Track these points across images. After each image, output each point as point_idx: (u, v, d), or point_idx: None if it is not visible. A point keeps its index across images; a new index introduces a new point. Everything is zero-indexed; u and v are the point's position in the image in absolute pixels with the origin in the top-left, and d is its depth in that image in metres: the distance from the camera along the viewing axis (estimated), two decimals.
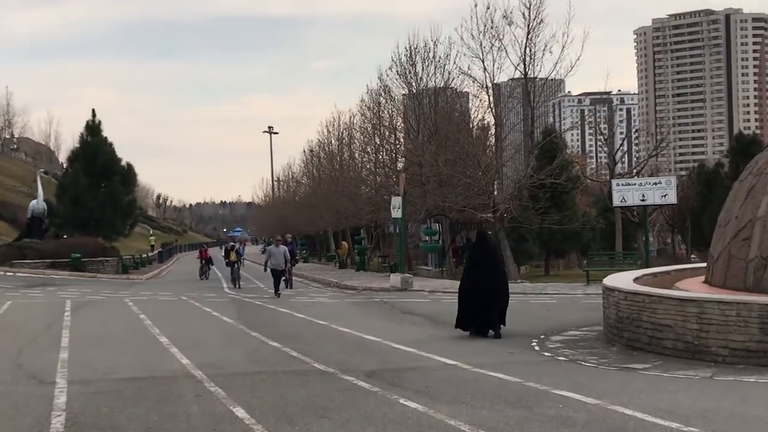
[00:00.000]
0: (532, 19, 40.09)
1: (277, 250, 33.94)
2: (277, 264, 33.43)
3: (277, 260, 33.47)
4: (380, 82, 49.39)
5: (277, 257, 33.56)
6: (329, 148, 74.16)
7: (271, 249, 34.75)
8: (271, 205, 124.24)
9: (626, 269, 36.06)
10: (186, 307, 29.61)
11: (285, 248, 34.60)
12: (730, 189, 47.79)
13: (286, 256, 33.84)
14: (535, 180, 40.37)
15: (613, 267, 34.97)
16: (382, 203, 54.15)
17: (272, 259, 33.65)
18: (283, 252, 33.81)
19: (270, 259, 33.83)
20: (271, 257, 33.79)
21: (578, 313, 23.27)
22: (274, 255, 33.69)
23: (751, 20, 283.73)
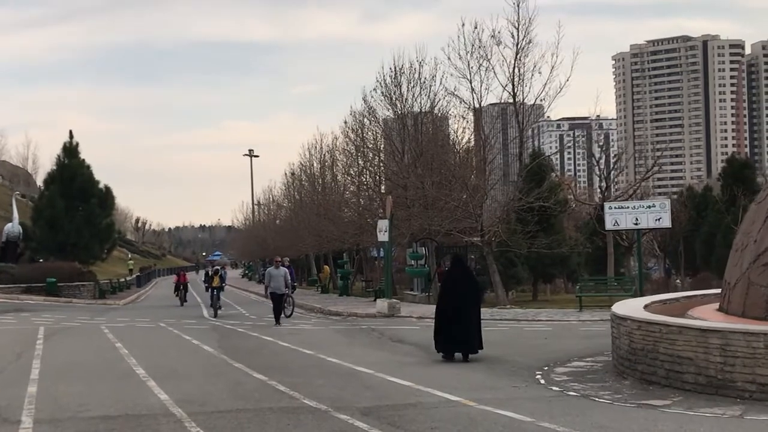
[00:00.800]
0: (521, 39, 39.20)
1: (276, 273, 31.35)
2: (277, 287, 31.04)
3: (278, 283, 31.03)
4: (365, 103, 48.37)
5: (277, 280, 31.06)
6: (311, 170, 73.00)
7: (270, 271, 31.91)
8: (251, 228, 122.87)
9: (620, 295, 35.15)
10: (164, 334, 28.35)
11: (285, 270, 31.93)
12: (723, 213, 47.10)
13: (286, 278, 31.32)
14: (523, 203, 39.34)
15: (606, 293, 33.96)
16: (365, 226, 53.08)
17: (272, 282, 31.18)
18: (283, 274, 31.29)
19: (270, 282, 31.37)
20: (271, 280, 31.26)
21: (578, 342, 22.14)
22: (274, 278, 31.15)
23: (728, 46, 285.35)
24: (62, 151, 63.68)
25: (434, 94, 45.34)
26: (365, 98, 47.82)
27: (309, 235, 69.01)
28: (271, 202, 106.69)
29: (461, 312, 18.89)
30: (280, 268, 31.62)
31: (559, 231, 45.20)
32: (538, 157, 43.47)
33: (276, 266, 31.99)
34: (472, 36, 39.43)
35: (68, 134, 64.64)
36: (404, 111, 46.27)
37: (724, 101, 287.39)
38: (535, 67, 38.95)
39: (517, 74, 38.96)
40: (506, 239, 38.87)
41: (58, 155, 63.60)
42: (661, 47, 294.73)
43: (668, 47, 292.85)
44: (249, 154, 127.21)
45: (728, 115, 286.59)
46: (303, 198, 77.41)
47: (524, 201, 39.30)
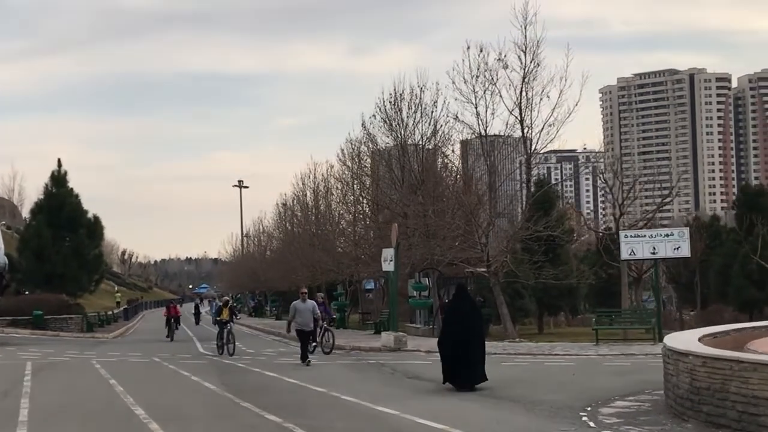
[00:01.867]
0: (529, 63, 37.88)
1: (303, 306, 27.44)
2: (304, 323, 27.18)
3: (304, 318, 27.24)
4: (364, 129, 46.85)
5: (304, 315, 27.28)
6: (304, 200, 71.44)
7: (295, 305, 27.64)
8: (241, 260, 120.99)
9: (638, 329, 33.69)
10: (160, 370, 26.65)
11: (313, 303, 28.20)
12: (737, 242, 45.67)
13: (315, 312, 27.61)
14: (532, 231, 37.84)
15: (624, 326, 32.44)
16: (362, 257, 51.50)
17: (298, 316, 27.28)
18: (311, 308, 27.52)
19: (295, 317, 27.38)
20: (297, 315, 27.33)
21: (610, 379, 20.58)
22: (300, 312, 27.26)
23: (715, 80, 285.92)
24: (50, 180, 61.97)
25: (435, 121, 43.93)
26: (364, 124, 46.37)
27: (302, 266, 67.43)
28: (261, 233, 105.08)
29: (467, 342, 19.03)
30: (306, 302, 27.76)
31: (566, 262, 43.70)
32: (544, 185, 41.96)
33: (302, 299, 27.84)
34: (478, 59, 38.14)
35: (56, 162, 62.98)
36: (404, 137, 44.79)
37: (711, 134, 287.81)
38: (543, 91, 37.66)
39: (524, 98, 37.65)
40: (514, 269, 37.32)
41: (46, 184, 61.92)
42: (648, 80, 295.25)
43: (655, 80, 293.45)
44: (238, 185, 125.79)
45: (715, 148, 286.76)
46: (296, 228, 75.90)
47: (532, 229, 37.80)
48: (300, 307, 27.37)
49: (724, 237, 47.84)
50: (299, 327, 27.09)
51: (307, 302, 27.74)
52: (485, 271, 38.80)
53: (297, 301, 27.84)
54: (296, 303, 27.71)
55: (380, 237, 47.22)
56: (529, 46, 37.63)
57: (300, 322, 27.16)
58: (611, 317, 33.36)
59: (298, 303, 27.59)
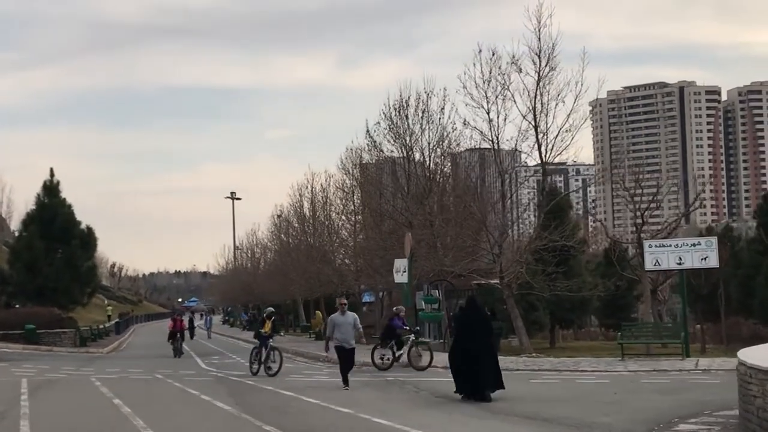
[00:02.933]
0: (543, 67, 36.45)
1: (343, 320, 23.58)
2: (344, 339, 23.49)
3: (345, 334, 23.48)
4: (368, 136, 45.26)
5: (344, 330, 23.47)
6: (301, 211, 69.86)
7: (334, 318, 23.80)
8: (233, 273, 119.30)
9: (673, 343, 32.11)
10: (166, 388, 25.02)
11: (354, 316, 24.01)
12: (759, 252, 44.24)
13: (357, 326, 23.79)
14: (547, 241, 36.34)
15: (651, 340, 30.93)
16: (364, 269, 49.96)
17: (336, 332, 23.49)
18: (352, 322, 23.61)
19: (334, 332, 23.62)
20: (335, 330, 23.58)
21: (657, 398, 19.10)
22: (340, 326, 23.49)
23: (705, 93, 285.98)
24: (42, 190, 60.17)
25: (443, 128, 42.48)
26: (369, 131, 44.83)
27: (300, 278, 65.92)
28: (255, 245, 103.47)
29: (478, 354, 19.37)
30: (347, 314, 23.76)
31: (579, 273, 42.23)
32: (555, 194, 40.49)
33: (341, 311, 23.85)
34: (490, 63, 36.69)
35: (48, 172, 61.22)
36: (411, 144, 43.32)
37: (701, 147, 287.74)
38: (559, 95, 36.26)
39: (539, 102, 36.25)
40: (530, 280, 35.81)
41: (38, 194, 60.08)
42: (638, 93, 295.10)
43: (645, 93, 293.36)
44: (231, 197, 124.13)
45: (705, 161, 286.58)
46: (292, 240, 74.38)
47: (548, 239, 36.32)
48: (339, 321, 23.48)
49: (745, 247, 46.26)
50: (339, 344, 23.40)
51: (347, 315, 23.74)
52: (498, 283, 37.29)
53: (335, 314, 23.89)
54: (334, 316, 23.80)
55: (384, 248, 45.77)
56: (543, 48, 36.24)
57: (339, 338, 23.39)
58: (637, 331, 31.79)
59: (337, 316, 23.71)
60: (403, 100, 43.11)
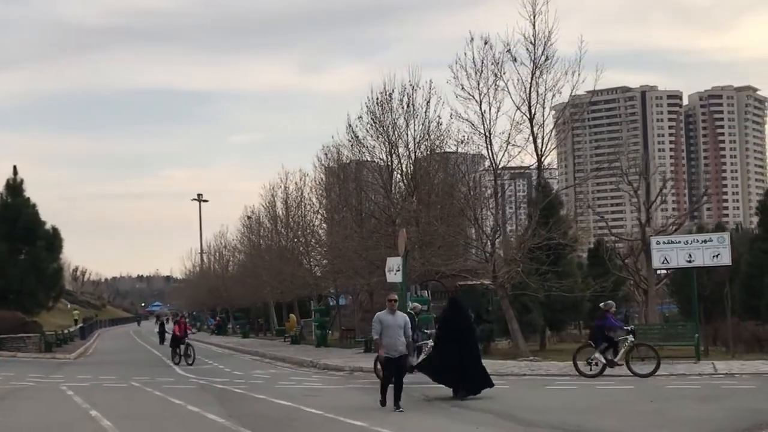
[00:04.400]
0: (539, 56, 34.61)
1: (392, 320, 18.09)
2: (392, 345, 17.95)
3: (393, 339, 17.94)
4: (350, 131, 43.10)
5: (393, 333, 17.97)
6: (274, 211, 67.68)
7: (380, 317, 18.19)
8: (200, 276, 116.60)
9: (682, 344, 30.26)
10: (145, 397, 22.83)
11: (405, 318, 18.46)
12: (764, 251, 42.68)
13: (407, 331, 18.23)
14: (543, 239, 34.45)
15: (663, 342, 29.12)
16: (344, 270, 47.87)
17: (385, 335, 17.98)
18: (402, 324, 18.12)
19: (382, 335, 18.01)
20: (383, 333, 17.99)
21: (699, 407, 17.36)
22: (388, 328, 17.98)
23: (666, 97, 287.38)
24: (5, 189, 57.54)
25: (429, 121, 40.58)
26: (351, 126, 42.71)
27: (273, 280, 63.80)
28: (223, 247, 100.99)
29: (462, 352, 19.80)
30: (396, 314, 18.31)
31: (572, 273, 40.45)
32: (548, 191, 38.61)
33: (390, 308, 18.32)
34: (482, 52, 34.76)
35: (12, 170, 58.58)
36: (395, 139, 41.34)
37: (663, 151, 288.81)
38: (556, 86, 34.50)
39: (537, 93, 34.45)
40: (526, 279, 33.88)
41: (1, 193, 57.45)
42: (601, 98, 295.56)
43: (608, 98, 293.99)
44: (198, 199, 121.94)
45: (667, 165, 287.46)
46: (264, 241, 72.22)
47: (545, 236, 34.44)
48: (387, 321, 18.01)
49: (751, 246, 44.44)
50: (386, 354, 18.03)
51: (397, 315, 18.26)
52: (491, 283, 35.41)
53: (382, 313, 18.34)
54: (381, 315, 18.24)
55: (366, 248, 43.88)
56: (538, 36, 34.39)
57: (387, 343, 17.95)
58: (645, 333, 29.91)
59: (385, 315, 18.16)
60: (386, 93, 41.19)
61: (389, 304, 18.46)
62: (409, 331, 18.45)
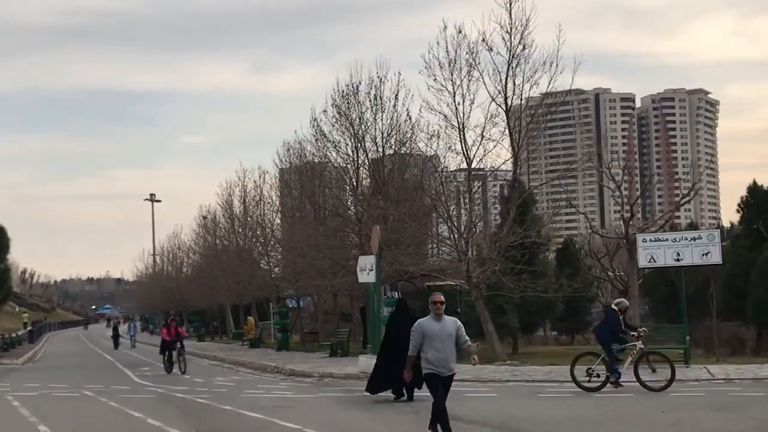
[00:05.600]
0: (515, 45, 33.01)
1: (439, 329, 13.34)
2: (440, 361, 13.24)
3: (442, 352, 13.27)
4: (314, 125, 41.00)
5: (442, 346, 13.28)
6: (231, 211, 65.55)
7: (424, 325, 13.44)
8: (152, 278, 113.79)
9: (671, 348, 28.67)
10: (101, 409, 20.79)
11: (457, 324, 13.60)
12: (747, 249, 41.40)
13: (460, 340, 13.47)
14: (519, 237, 32.78)
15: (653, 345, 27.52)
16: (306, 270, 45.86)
17: (428, 347, 13.28)
18: (452, 332, 13.39)
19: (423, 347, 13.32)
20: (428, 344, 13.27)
21: (724, 417, 15.81)
22: (433, 339, 13.28)
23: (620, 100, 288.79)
24: None
25: (398, 115, 38.74)
26: (316, 120, 40.66)
27: (229, 281, 61.67)
28: (177, 249, 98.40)
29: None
30: (444, 319, 13.49)
31: (546, 273, 38.86)
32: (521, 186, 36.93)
33: (436, 314, 13.44)
34: (456, 41, 33.06)
35: None
36: (362, 133, 39.45)
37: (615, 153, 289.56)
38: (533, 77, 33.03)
39: (514, 84, 32.89)
40: (504, 279, 32.18)
41: None
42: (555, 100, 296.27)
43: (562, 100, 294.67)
44: (150, 199, 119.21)
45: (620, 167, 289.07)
46: (220, 242, 70.05)
47: (521, 233, 32.80)
48: (433, 330, 13.26)
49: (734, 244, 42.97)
50: (431, 369, 13.19)
51: (446, 321, 13.43)
52: (464, 284, 33.68)
53: (425, 320, 13.51)
54: (425, 323, 13.44)
55: (329, 247, 42.08)
56: (515, 25, 32.79)
57: (431, 358, 13.20)
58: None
59: (428, 322, 13.39)
60: (353, 86, 39.27)
61: (435, 307, 13.33)
62: (464, 338, 13.46)
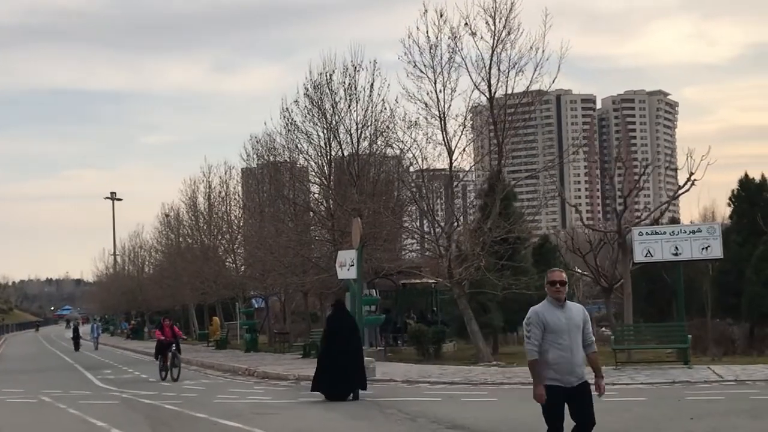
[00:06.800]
0: (500, 30, 31.38)
1: (561, 318, 9.32)
2: (564, 365, 9.27)
3: (568, 352, 9.29)
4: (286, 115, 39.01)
5: (566, 344, 9.27)
6: (195, 207, 63.35)
7: (541, 313, 9.35)
8: (113, 278, 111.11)
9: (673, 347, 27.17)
10: (59, 417, 18.91)
11: (583, 311, 9.60)
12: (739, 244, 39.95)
13: (587, 336, 9.48)
14: (503, 231, 31.13)
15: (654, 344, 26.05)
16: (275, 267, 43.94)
17: (551, 345, 9.25)
18: (581, 322, 9.39)
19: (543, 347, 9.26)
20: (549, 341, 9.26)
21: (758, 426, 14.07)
22: (558, 333, 9.26)
23: (580, 101, 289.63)
24: None
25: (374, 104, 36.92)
26: (288, 110, 38.68)
27: (194, 280, 59.56)
28: (138, 248, 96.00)
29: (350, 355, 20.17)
30: (567, 306, 9.45)
31: (528, 270, 37.25)
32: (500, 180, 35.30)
33: (556, 298, 9.39)
34: (438, 25, 31.40)
35: None
36: (336, 124, 37.60)
37: (577, 153, 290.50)
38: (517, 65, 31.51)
39: (499, 70, 31.35)
40: (490, 276, 30.48)
41: None
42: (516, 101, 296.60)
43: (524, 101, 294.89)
44: (111, 197, 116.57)
45: (581, 167, 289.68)
46: (184, 240, 67.89)
47: (506, 227, 31.18)
48: (555, 321, 9.34)
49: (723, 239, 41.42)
50: (552, 378, 9.28)
51: (570, 308, 9.47)
52: (446, 281, 31.97)
53: (542, 306, 9.53)
54: (541, 310, 9.46)
55: (300, 243, 40.33)
56: (499, 8, 31.16)
57: (555, 361, 9.31)
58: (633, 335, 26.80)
59: (548, 309, 9.44)
60: (326, 74, 37.41)
61: (554, 289, 9.34)
62: (590, 338, 9.51)
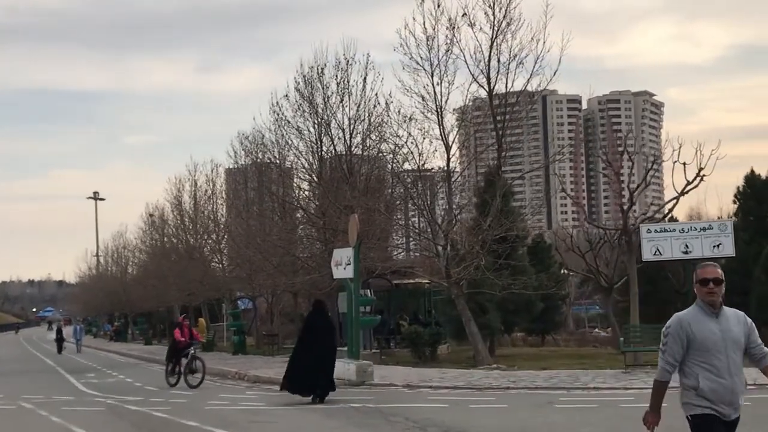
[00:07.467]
0: (501, 20, 30.28)
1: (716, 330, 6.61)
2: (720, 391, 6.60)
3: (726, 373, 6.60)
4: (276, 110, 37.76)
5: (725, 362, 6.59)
6: (181, 207, 62.05)
7: (687, 321, 6.64)
8: (96, 279, 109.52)
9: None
10: (40, 426, 17.66)
11: (746, 319, 6.76)
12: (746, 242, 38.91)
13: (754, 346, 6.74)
14: (503, 230, 30.02)
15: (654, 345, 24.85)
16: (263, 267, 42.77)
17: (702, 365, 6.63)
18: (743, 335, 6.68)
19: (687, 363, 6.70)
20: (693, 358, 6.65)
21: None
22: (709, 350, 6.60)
23: (566, 101, 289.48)
24: None
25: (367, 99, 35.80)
26: (278, 105, 37.44)
27: (179, 281, 58.29)
28: (122, 248, 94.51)
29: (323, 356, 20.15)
30: (724, 313, 6.70)
31: (526, 269, 36.16)
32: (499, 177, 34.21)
33: (710, 303, 6.66)
34: (435, 15, 30.28)
35: None
36: (328, 119, 36.43)
37: (563, 153, 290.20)
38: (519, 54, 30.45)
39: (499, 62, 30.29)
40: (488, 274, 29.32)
41: None
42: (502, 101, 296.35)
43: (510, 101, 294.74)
44: (94, 197, 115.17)
45: (567, 168, 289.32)
46: (168, 240, 66.61)
47: (507, 225, 30.09)
48: (705, 335, 6.63)
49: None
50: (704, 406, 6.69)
51: (727, 316, 6.71)
52: (443, 281, 30.85)
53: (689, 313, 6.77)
54: (689, 318, 6.72)
55: (290, 242, 39.24)
56: None
57: (709, 386, 6.66)
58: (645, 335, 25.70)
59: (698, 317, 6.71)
60: (318, 68, 36.27)
61: (706, 290, 6.74)
62: (761, 343, 6.86)
